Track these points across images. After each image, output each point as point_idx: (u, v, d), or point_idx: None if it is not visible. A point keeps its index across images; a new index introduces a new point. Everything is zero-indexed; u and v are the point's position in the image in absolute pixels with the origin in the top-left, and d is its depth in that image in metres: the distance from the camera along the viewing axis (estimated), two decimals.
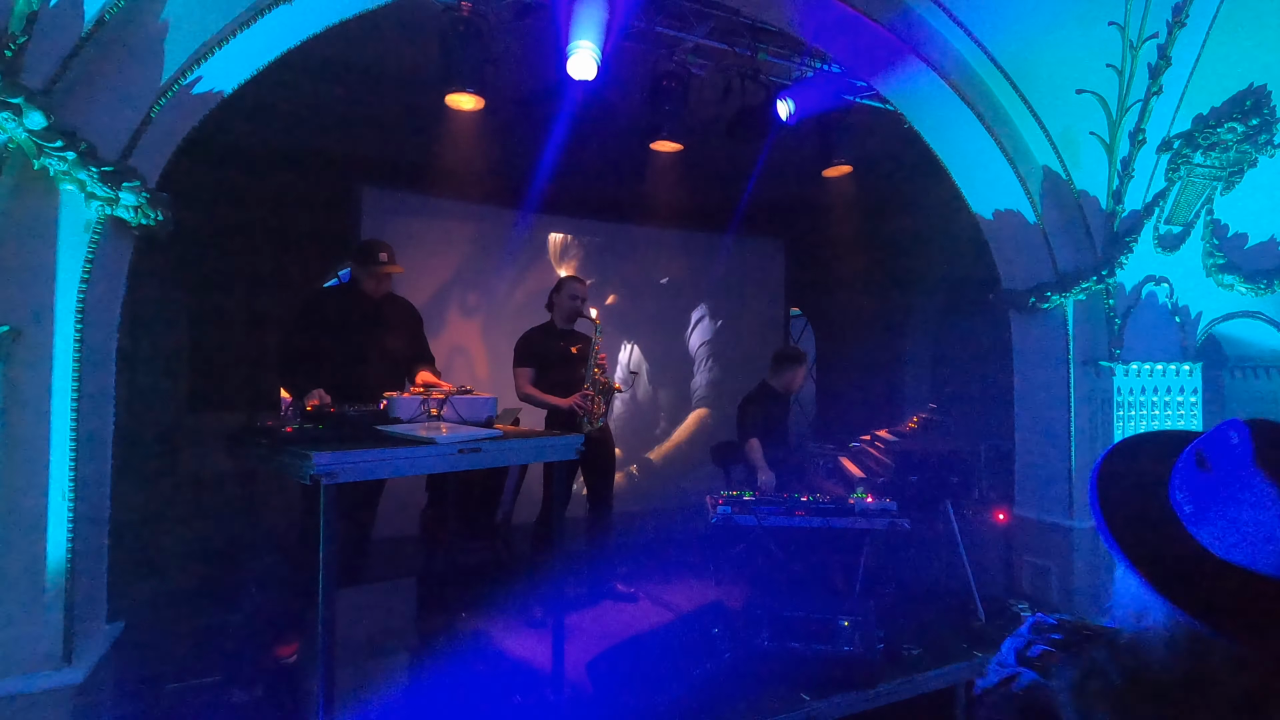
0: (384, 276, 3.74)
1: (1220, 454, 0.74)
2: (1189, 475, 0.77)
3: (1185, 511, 0.75)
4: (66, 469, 2.39)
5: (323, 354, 3.55)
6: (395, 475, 2.72)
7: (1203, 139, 4.00)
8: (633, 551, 5.18)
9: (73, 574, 2.41)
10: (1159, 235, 4.26)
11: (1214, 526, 0.72)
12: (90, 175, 2.31)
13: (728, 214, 6.72)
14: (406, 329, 3.90)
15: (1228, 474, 0.72)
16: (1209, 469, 0.75)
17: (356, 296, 3.77)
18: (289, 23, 2.79)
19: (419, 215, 5.98)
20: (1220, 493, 0.72)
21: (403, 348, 3.84)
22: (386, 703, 2.90)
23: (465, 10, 3.72)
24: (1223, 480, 0.73)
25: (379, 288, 3.75)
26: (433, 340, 4.15)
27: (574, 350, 4.29)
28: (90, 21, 2.27)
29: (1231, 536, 0.70)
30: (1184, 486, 0.76)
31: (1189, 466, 0.77)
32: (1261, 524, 0.68)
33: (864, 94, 4.64)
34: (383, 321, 3.78)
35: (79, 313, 2.42)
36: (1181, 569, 0.71)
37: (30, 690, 2.30)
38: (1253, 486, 0.70)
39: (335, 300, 3.92)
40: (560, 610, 3.15)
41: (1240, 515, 0.70)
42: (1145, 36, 3.66)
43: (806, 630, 3.33)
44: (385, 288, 3.79)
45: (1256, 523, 0.69)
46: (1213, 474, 0.74)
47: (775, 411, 4.84)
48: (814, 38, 3.98)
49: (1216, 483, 0.73)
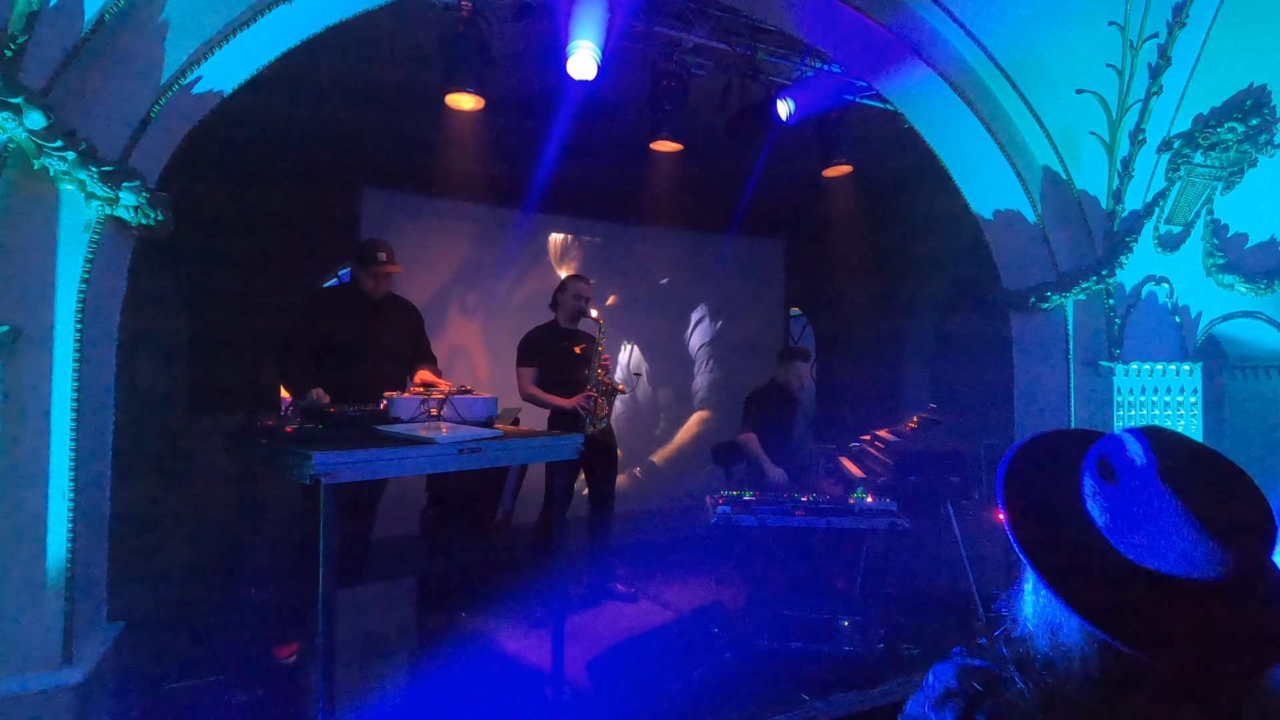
0: (383, 276, 3.74)
1: (1125, 467, 0.74)
2: (1099, 487, 0.76)
3: (1101, 523, 0.75)
4: (66, 469, 2.39)
5: (323, 354, 3.56)
6: (395, 475, 2.73)
7: (1203, 139, 4.00)
8: (633, 551, 5.18)
9: (73, 574, 2.41)
10: (1159, 235, 4.26)
11: (1131, 537, 0.72)
12: (90, 175, 2.31)
13: (728, 214, 6.72)
14: (407, 329, 3.90)
15: (1136, 489, 0.72)
16: (1116, 482, 0.75)
17: (356, 296, 3.77)
18: (289, 23, 2.79)
19: (419, 215, 5.98)
20: (1132, 509, 0.73)
21: (403, 347, 3.84)
22: (386, 703, 2.90)
23: (465, 10, 3.72)
24: (1132, 495, 0.73)
25: (378, 287, 3.76)
26: (434, 340, 4.15)
27: (577, 350, 4.29)
28: (90, 21, 2.27)
29: (1149, 548, 0.70)
30: (1095, 498, 0.76)
31: (1096, 479, 0.77)
32: (1172, 540, 0.69)
33: (864, 94, 4.64)
34: (383, 321, 3.78)
35: (79, 313, 2.42)
36: (1102, 581, 0.71)
37: (30, 690, 2.30)
38: (1161, 501, 0.70)
39: (335, 300, 3.93)
40: (560, 610, 3.15)
41: (1153, 529, 0.70)
42: (1145, 36, 3.66)
43: (806, 630, 3.34)
44: (385, 287, 3.79)
45: (1167, 537, 0.69)
46: (1121, 487, 0.74)
47: (778, 411, 4.83)
48: (814, 38, 3.98)
49: (1127, 498, 0.73)
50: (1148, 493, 0.71)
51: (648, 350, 7.22)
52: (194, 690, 3.07)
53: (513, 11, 3.80)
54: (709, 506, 4.04)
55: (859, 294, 7.58)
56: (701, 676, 3.07)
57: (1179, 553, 0.69)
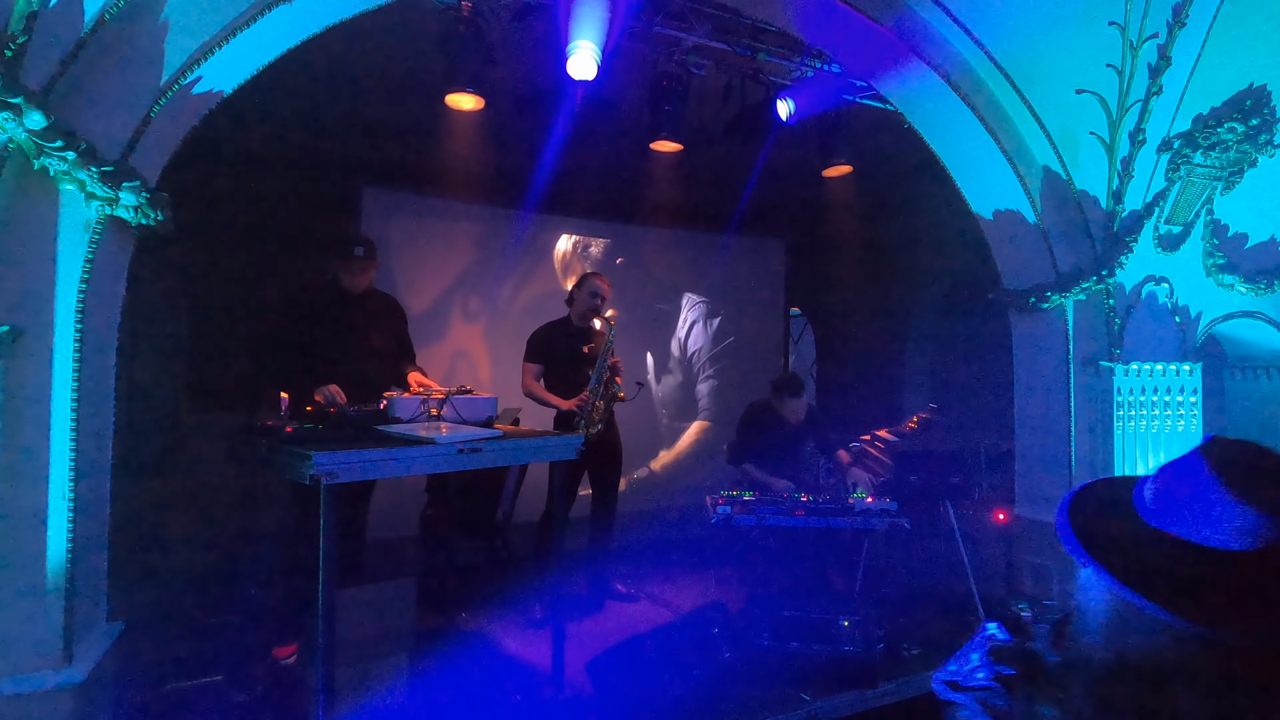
0: (359, 270, 3.64)
1: (1176, 467, 0.80)
2: (1154, 478, 0.82)
3: (1144, 502, 0.80)
4: (67, 468, 2.39)
5: (300, 349, 3.49)
6: (395, 475, 2.72)
7: (1203, 139, 4.00)
8: (633, 551, 5.18)
9: (73, 573, 2.41)
10: (1159, 235, 4.26)
11: (1179, 518, 0.76)
12: (90, 175, 2.31)
13: (728, 214, 6.71)
14: (387, 324, 3.82)
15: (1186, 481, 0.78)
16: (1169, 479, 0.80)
17: (335, 291, 3.67)
18: (289, 23, 2.79)
19: (419, 215, 5.98)
20: (1179, 495, 0.77)
21: (387, 343, 3.77)
22: (386, 703, 2.90)
23: (465, 10, 3.72)
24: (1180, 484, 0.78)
25: (355, 282, 3.65)
26: (434, 341, 4.14)
27: (585, 350, 4.21)
28: (90, 21, 2.27)
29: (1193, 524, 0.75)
30: (1149, 485, 0.82)
31: (1151, 481, 0.82)
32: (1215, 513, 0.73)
33: (864, 94, 4.64)
34: (364, 316, 3.70)
35: (79, 312, 2.42)
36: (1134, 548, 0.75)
37: (30, 690, 2.30)
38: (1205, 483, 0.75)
39: (313, 295, 3.78)
40: (560, 610, 3.15)
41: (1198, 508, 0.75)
42: (1145, 36, 3.66)
43: (806, 630, 3.33)
44: (363, 282, 3.68)
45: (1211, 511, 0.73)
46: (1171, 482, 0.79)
47: (774, 433, 4.68)
48: (814, 38, 3.98)
49: (1176, 487, 0.78)
50: (1194, 480, 0.76)
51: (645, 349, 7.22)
52: (194, 690, 3.07)
53: (513, 11, 3.80)
54: (709, 506, 4.04)
55: (859, 294, 7.59)
56: (701, 676, 3.07)
57: (1224, 526, 0.72)
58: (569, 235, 6.75)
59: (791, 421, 4.60)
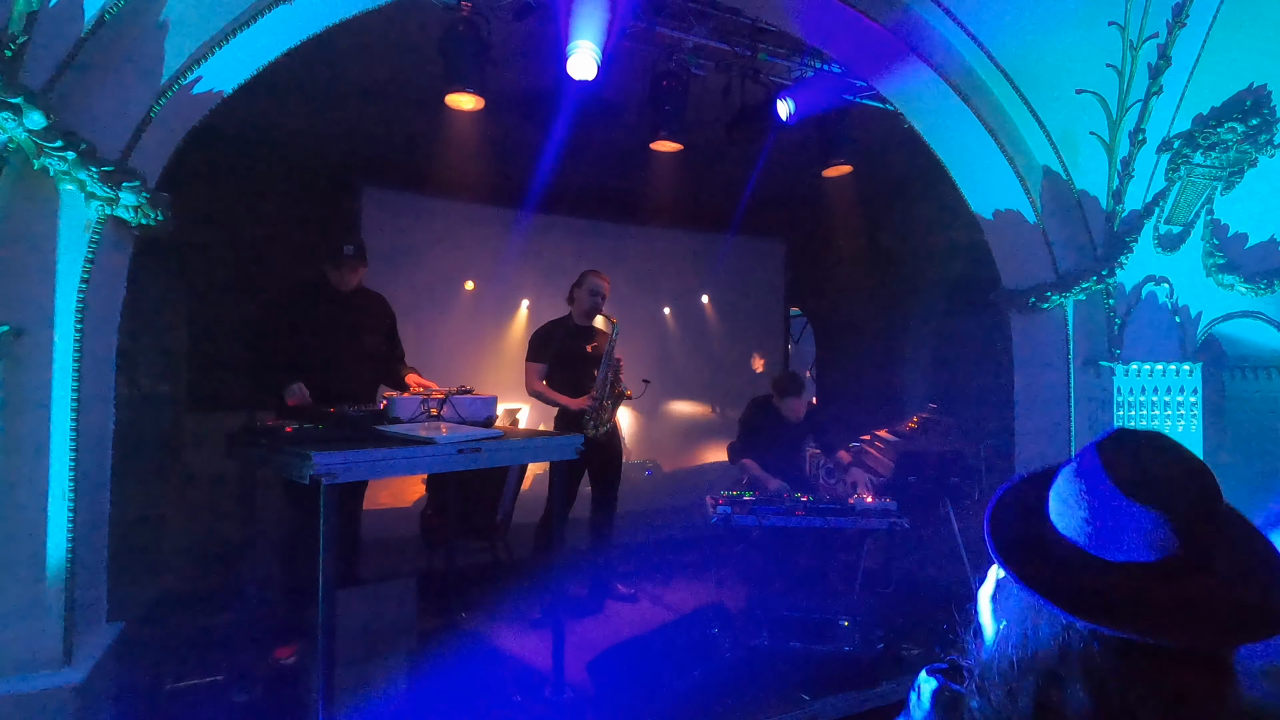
0: (348, 269, 3.63)
1: (1078, 469, 0.79)
2: (1059, 492, 0.80)
3: (1059, 521, 0.79)
4: (67, 469, 2.39)
5: (290, 348, 3.48)
6: (395, 475, 2.73)
7: (1203, 139, 3.99)
8: (633, 552, 5.18)
9: (73, 574, 2.41)
10: (1159, 235, 4.26)
11: (1088, 528, 0.75)
12: (90, 175, 2.31)
13: (728, 214, 6.72)
14: (377, 324, 3.81)
15: (1085, 485, 0.77)
16: (1072, 482, 0.79)
17: (324, 290, 3.67)
18: (289, 23, 2.79)
19: (419, 215, 5.99)
20: (1077, 500, 0.76)
21: (377, 342, 3.77)
22: (386, 703, 2.90)
23: (465, 10, 3.72)
24: (1078, 486, 0.77)
25: (344, 281, 3.64)
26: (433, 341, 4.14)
27: (589, 349, 4.18)
28: (90, 21, 2.27)
29: (1100, 537, 0.73)
30: (1057, 502, 0.80)
31: (1058, 484, 0.81)
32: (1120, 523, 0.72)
33: (864, 94, 4.64)
34: (354, 315, 3.69)
35: (79, 312, 2.42)
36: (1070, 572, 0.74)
37: (30, 690, 2.30)
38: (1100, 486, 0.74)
39: (302, 294, 3.76)
40: (560, 610, 3.15)
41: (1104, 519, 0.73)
42: (1145, 36, 3.66)
43: (806, 630, 3.33)
44: (352, 281, 3.67)
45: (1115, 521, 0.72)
46: (1072, 485, 0.78)
47: (774, 430, 4.66)
48: (814, 38, 3.98)
49: (1076, 491, 0.77)
50: (1091, 483, 0.75)
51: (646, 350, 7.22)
52: (194, 690, 3.07)
53: (513, 11, 3.80)
54: (709, 506, 4.04)
55: (859, 294, 7.59)
56: (701, 676, 3.07)
57: (1131, 537, 0.71)
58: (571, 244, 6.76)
59: (791, 420, 4.61)
